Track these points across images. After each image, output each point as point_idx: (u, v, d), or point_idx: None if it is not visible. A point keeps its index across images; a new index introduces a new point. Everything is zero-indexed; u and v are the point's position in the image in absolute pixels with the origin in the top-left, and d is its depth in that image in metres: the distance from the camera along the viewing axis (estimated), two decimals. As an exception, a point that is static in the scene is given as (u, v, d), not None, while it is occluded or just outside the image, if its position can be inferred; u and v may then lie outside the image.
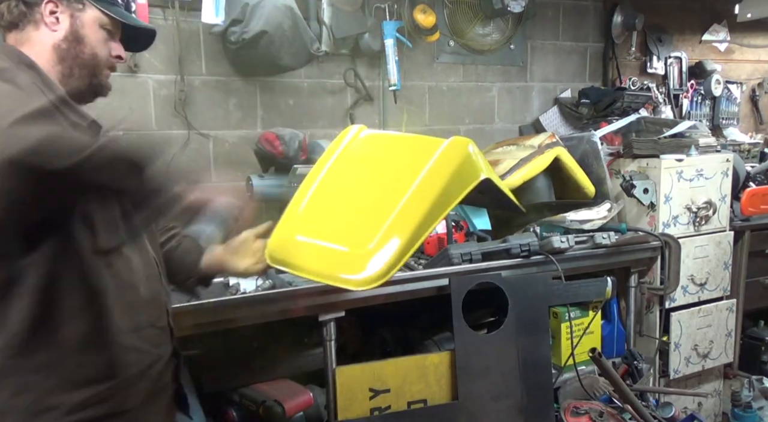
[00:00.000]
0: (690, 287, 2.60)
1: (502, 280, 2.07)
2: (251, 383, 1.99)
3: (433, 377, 1.99)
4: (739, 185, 2.79)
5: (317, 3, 2.43)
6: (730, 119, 3.80)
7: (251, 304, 1.78)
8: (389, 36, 2.56)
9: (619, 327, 2.52)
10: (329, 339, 1.89)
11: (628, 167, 2.59)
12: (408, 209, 1.30)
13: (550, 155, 2.39)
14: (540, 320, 2.11)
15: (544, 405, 2.11)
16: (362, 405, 1.90)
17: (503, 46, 2.96)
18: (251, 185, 2.16)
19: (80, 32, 1.20)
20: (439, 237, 2.28)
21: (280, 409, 1.87)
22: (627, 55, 3.39)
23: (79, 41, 1.20)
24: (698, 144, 2.63)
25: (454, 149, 1.39)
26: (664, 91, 3.53)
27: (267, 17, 2.19)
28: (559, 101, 3.16)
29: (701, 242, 2.61)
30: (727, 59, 3.79)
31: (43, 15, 1.17)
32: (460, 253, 2.09)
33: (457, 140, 1.43)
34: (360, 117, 2.63)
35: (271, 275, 2.04)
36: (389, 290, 1.95)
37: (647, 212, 2.52)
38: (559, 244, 2.19)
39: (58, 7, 1.18)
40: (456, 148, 1.39)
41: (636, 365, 2.40)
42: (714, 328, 2.71)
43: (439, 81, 2.86)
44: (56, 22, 1.18)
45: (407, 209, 1.30)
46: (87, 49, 1.21)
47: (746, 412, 2.60)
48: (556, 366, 2.26)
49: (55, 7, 1.18)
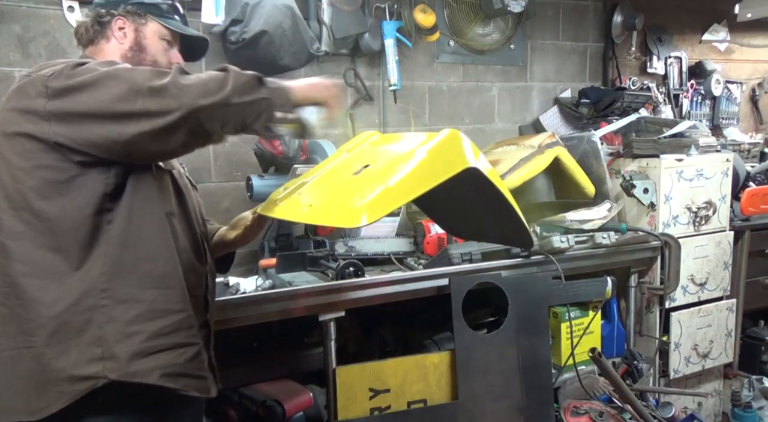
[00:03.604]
0: (690, 287, 2.60)
1: (502, 280, 2.07)
2: (251, 383, 1.99)
3: (433, 377, 2.00)
4: (739, 185, 2.79)
5: (317, 3, 2.43)
6: (730, 119, 3.79)
7: (251, 304, 1.78)
8: (389, 36, 2.56)
9: (619, 327, 2.52)
10: (329, 338, 1.89)
11: (628, 167, 2.59)
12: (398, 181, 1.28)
13: (550, 155, 2.39)
14: (540, 320, 2.11)
15: (544, 405, 2.11)
16: (362, 405, 1.91)
17: (503, 46, 2.96)
18: (251, 185, 2.16)
19: (143, 43, 1.41)
20: (439, 237, 2.29)
21: (280, 409, 1.87)
22: (627, 55, 3.39)
23: (142, 50, 1.41)
24: (698, 144, 2.63)
25: (449, 136, 1.37)
26: (664, 91, 3.53)
27: (267, 17, 2.19)
28: (559, 101, 3.16)
29: (701, 242, 2.61)
30: (727, 59, 3.79)
31: (113, 31, 1.40)
32: (460, 253, 2.09)
33: (454, 131, 1.41)
34: (360, 117, 2.63)
35: (271, 275, 2.04)
36: (389, 290, 1.95)
37: (647, 212, 2.52)
38: (559, 244, 2.19)
39: (126, 24, 1.40)
40: (451, 135, 1.37)
41: (636, 365, 2.41)
42: (714, 328, 2.71)
43: (439, 81, 2.86)
44: (124, 36, 1.40)
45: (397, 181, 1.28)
46: (149, 57, 1.41)
47: (746, 412, 2.60)
48: (556, 366, 2.27)
49: (123, 23, 1.40)
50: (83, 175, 1.17)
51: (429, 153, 1.23)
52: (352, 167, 1.35)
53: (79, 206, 1.17)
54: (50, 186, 1.16)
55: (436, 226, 2.30)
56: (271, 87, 1.21)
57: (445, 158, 1.25)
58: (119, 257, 1.20)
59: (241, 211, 1.64)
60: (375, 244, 2.28)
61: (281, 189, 1.50)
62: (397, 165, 1.22)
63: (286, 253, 2.11)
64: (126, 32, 1.40)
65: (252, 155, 2.32)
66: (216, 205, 2.43)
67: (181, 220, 1.33)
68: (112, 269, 1.19)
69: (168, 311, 1.23)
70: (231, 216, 1.64)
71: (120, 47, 1.40)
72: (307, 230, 2.30)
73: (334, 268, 1.98)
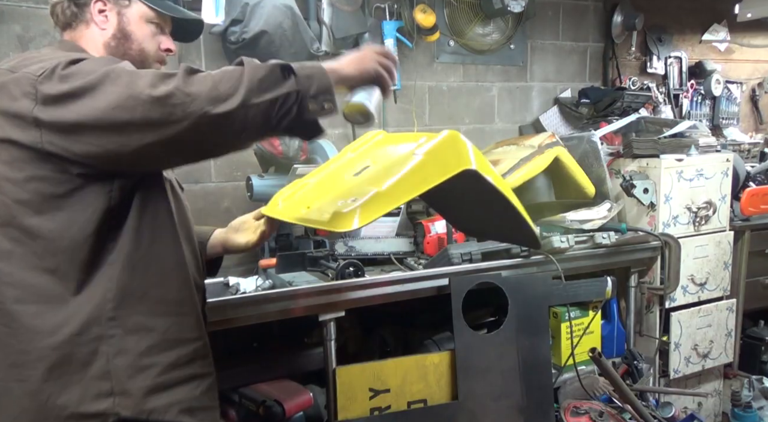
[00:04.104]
0: (690, 287, 2.60)
1: (502, 280, 2.07)
2: (251, 383, 1.99)
3: (433, 377, 2.00)
4: (739, 184, 2.79)
5: (317, 3, 2.43)
6: (730, 119, 3.79)
7: (251, 304, 1.78)
8: (389, 36, 2.56)
9: (619, 327, 2.52)
10: (329, 338, 1.89)
11: (628, 167, 2.59)
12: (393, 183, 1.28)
13: (550, 155, 2.39)
14: (540, 320, 2.11)
15: (544, 405, 2.11)
16: (362, 405, 1.91)
17: (503, 46, 2.96)
18: (251, 185, 2.16)
19: (127, 29, 1.23)
20: (439, 237, 2.29)
21: (280, 409, 1.87)
22: (627, 55, 3.39)
23: (127, 38, 1.23)
24: (698, 144, 2.63)
25: (447, 137, 1.36)
26: (664, 91, 3.53)
27: (267, 17, 2.19)
28: (559, 101, 3.16)
29: (701, 242, 2.61)
30: (727, 59, 3.79)
31: (93, 14, 1.22)
32: (460, 253, 2.09)
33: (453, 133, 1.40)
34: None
35: (271, 275, 2.04)
36: (389, 290, 1.95)
37: (647, 212, 2.52)
38: (559, 244, 2.19)
39: (106, 5, 1.22)
40: (449, 137, 1.36)
41: (636, 365, 2.40)
42: (714, 328, 2.71)
43: (439, 81, 2.86)
44: (105, 20, 1.22)
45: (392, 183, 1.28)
46: (135, 46, 1.24)
47: (746, 412, 2.60)
48: (556, 366, 2.26)
49: (104, 5, 1.22)
50: (84, 188, 1.05)
51: (426, 155, 1.19)
52: (354, 168, 1.34)
53: (79, 222, 1.05)
54: (46, 200, 1.04)
55: (436, 226, 2.30)
56: (302, 75, 1.03)
57: (441, 160, 1.21)
58: (127, 281, 1.08)
59: (241, 212, 1.63)
60: (375, 244, 2.28)
61: (285, 189, 1.49)
62: (393, 167, 1.19)
63: (286, 253, 2.11)
64: (107, 15, 1.22)
65: (252, 155, 2.32)
66: (216, 205, 2.43)
67: (182, 228, 1.22)
68: (120, 295, 1.08)
69: (183, 340, 1.14)
70: (231, 216, 1.63)
71: (102, 35, 1.23)
72: (307, 230, 2.30)
73: (334, 268, 1.98)
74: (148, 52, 1.26)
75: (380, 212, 1.12)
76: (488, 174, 1.27)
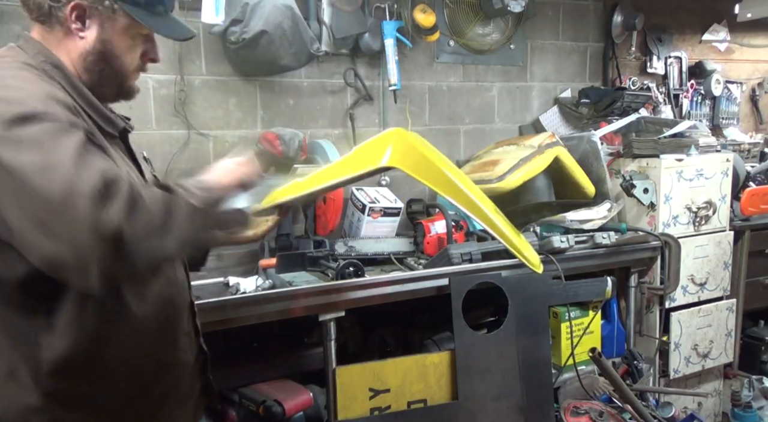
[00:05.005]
0: (690, 287, 2.60)
1: (502, 280, 2.07)
2: (251, 383, 1.99)
3: (433, 377, 2.00)
4: (739, 184, 2.79)
5: (317, 3, 2.43)
6: (730, 119, 3.79)
7: (251, 304, 1.78)
8: (389, 36, 2.56)
9: (619, 327, 2.52)
10: (329, 338, 1.89)
11: (628, 167, 2.59)
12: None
13: (550, 155, 2.39)
14: (540, 320, 2.12)
15: (544, 405, 2.11)
16: (362, 405, 1.91)
17: (503, 46, 2.96)
18: (251, 185, 2.16)
19: (108, 46, 1.10)
20: (439, 237, 2.28)
21: (280, 409, 1.87)
22: (627, 55, 3.39)
23: (107, 54, 1.10)
24: (698, 144, 2.63)
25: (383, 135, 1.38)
26: (664, 91, 3.52)
27: (267, 17, 2.18)
28: (559, 101, 3.16)
29: (701, 242, 2.61)
30: (727, 59, 3.79)
31: (68, 17, 1.06)
32: (460, 253, 2.09)
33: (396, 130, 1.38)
34: (360, 117, 2.63)
35: (271, 275, 2.04)
36: (389, 290, 1.95)
37: (647, 212, 2.52)
38: (559, 244, 2.19)
39: (86, 12, 1.07)
40: (386, 134, 1.37)
41: (636, 365, 2.41)
42: (714, 328, 2.71)
43: (439, 81, 2.85)
44: (82, 28, 1.08)
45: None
46: (115, 63, 1.12)
47: (746, 412, 2.60)
48: (556, 366, 2.27)
49: (82, 11, 1.06)
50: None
51: (354, 151, 1.34)
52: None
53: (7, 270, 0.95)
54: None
55: (436, 226, 2.30)
56: (180, 219, 0.94)
57: (363, 157, 1.31)
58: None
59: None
60: (375, 244, 2.27)
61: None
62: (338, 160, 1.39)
63: (286, 253, 2.11)
64: (87, 23, 1.07)
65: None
66: (216, 205, 2.42)
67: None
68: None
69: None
70: (231, 216, 1.63)
71: (79, 45, 1.08)
72: (307, 230, 2.30)
73: (334, 268, 1.98)
74: (129, 67, 1.15)
75: (282, 197, 1.36)
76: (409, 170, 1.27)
